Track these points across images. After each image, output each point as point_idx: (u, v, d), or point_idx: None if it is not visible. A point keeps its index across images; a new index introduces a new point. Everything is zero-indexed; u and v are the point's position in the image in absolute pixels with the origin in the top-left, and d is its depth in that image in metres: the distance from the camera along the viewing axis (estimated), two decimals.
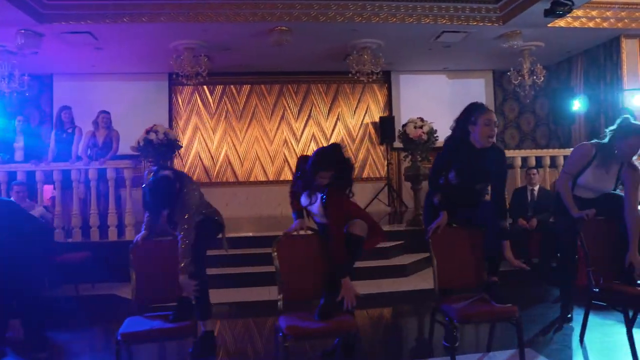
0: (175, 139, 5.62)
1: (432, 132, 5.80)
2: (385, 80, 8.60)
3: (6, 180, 5.25)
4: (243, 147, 8.41)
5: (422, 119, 5.95)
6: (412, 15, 6.33)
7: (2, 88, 6.43)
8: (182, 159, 8.26)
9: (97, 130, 5.88)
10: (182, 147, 5.81)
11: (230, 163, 8.40)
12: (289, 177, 8.46)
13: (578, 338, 3.29)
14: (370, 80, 7.14)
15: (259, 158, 8.43)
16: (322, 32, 6.54)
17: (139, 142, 5.47)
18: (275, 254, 2.78)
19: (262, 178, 8.43)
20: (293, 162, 8.48)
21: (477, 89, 8.75)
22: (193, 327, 2.61)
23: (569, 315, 3.69)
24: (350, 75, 7.09)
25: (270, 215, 7.96)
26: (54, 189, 5.50)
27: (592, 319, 3.32)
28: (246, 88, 8.42)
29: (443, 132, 7.88)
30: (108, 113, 5.87)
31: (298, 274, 2.79)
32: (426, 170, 5.94)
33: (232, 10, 6.04)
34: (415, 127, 5.76)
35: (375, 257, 5.38)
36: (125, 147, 5.97)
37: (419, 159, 5.87)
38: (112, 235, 5.47)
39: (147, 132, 5.45)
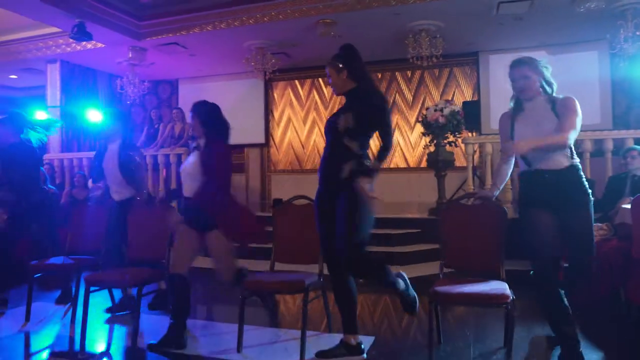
0: None
1: (454, 115, 5.39)
2: (474, 62, 7.99)
3: None
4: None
5: (449, 102, 5.57)
6: None
7: (129, 92, 8.25)
8: (277, 149, 9.17)
9: (175, 124, 7.15)
10: None
11: (318, 151, 8.94)
12: None
13: None
14: (431, 64, 6.86)
15: None
16: (367, 19, 6.57)
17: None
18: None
19: None
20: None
21: (588, 63, 7.43)
22: None
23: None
24: (410, 60, 6.94)
25: None
26: None
27: None
28: None
29: None
30: (178, 109, 7.08)
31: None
32: (448, 156, 5.57)
33: (275, 9, 6.58)
34: (435, 110, 5.44)
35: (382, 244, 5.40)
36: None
37: (442, 143, 5.50)
38: None
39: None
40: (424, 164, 8.31)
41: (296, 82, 9.04)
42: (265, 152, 9.22)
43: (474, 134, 7.89)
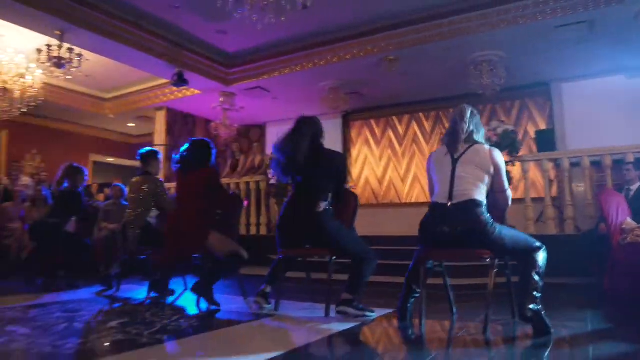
0: None
1: (508, 134, 5.48)
2: (546, 92, 7.94)
3: None
4: (404, 171, 9.14)
5: (503, 122, 5.69)
6: (505, 20, 6.13)
7: (221, 134, 9.32)
8: (354, 183, 9.62)
9: (255, 156, 7.97)
10: None
11: (395, 187, 9.23)
12: None
13: None
14: (493, 92, 7.01)
15: (419, 181, 8.97)
16: (428, 54, 6.97)
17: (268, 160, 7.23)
18: None
19: (422, 199, 8.90)
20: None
21: None
22: None
23: None
24: (480, 92, 7.13)
25: None
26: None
27: None
28: (406, 117, 9.22)
29: (619, 140, 6.67)
30: (258, 142, 7.88)
31: None
32: None
33: (343, 50, 7.24)
34: (489, 130, 5.59)
35: None
36: None
37: None
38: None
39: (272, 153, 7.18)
40: None
41: (372, 121, 9.56)
42: None
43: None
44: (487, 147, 3.00)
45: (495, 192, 2.95)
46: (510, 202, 2.99)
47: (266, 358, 2.16)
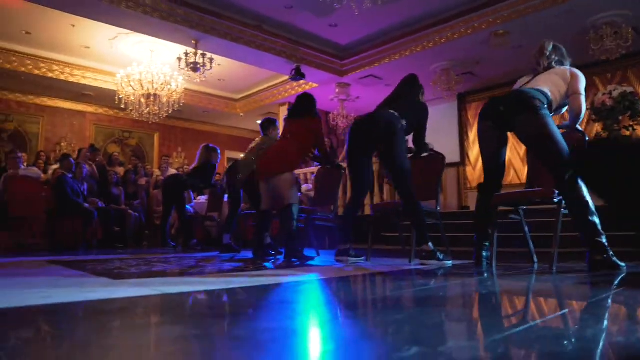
0: None
1: (625, 97, 5.10)
2: None
3: None
4: (524, 151, 8.78)
5: (622, 85, 5.30)
6: None
7: (339, 124, 9.86)
8: (472, 167, 9.48)
9: None
10: None
11: (514, 167, 8.92)
12: None
13: None
14: (618, 56, 6.50)
15: None
16: (541, 24, 6.68)
17: None
18: None
19: None
20: None
21: None
22: None
23: None
24: (605, 58, 6.66)
25: None
26: None
27: None
28: None
29: None
30: None
31: None
32: (622, 139, 5.22)
33: (451, 30, 7.26)
34: (603, 94, 5.26)
35: None
36: None
37: (615, 127, 5.22)
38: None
39: None
40: None
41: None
42: (462, 171, 9.62)
43: None
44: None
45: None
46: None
47: (334, 276, 2.54)
